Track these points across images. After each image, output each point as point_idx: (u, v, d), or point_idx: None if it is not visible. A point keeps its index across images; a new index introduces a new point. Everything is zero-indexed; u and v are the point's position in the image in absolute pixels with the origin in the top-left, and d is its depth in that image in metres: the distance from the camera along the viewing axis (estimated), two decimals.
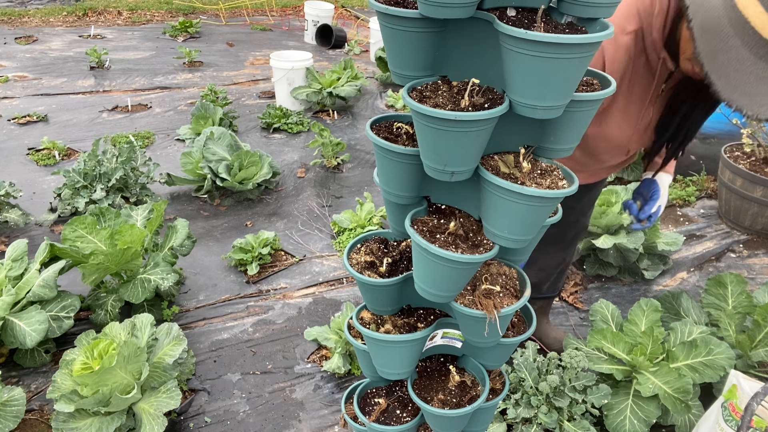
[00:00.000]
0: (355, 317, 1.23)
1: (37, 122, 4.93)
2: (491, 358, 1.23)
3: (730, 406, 1.83)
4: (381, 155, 1.02)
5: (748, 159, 3.78)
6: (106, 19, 8.38)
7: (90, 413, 2.07)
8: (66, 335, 2.53)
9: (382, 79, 6.16)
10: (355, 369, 2.56)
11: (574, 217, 2.25)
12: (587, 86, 0.97)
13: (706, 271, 3.41)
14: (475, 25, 0.88)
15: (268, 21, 8.89)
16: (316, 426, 2.33)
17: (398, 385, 1.39)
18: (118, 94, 5.65)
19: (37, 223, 3.47)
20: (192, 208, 3.86)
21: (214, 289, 3.09)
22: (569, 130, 0.95)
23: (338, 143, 4.34)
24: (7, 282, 2.46)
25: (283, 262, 3.35)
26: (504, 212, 0.94)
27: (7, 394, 2.12)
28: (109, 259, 2.53)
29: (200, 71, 6.34)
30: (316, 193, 4.10)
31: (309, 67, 5.29)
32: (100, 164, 3.52)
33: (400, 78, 0.95)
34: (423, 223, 1.05)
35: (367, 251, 1.18)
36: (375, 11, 0.89)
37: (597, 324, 2.41)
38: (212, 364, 2.61)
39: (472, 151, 0.90)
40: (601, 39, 0.79)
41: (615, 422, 2.08)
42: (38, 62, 6.28)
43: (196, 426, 2.30)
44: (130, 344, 2.04)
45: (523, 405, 2.06)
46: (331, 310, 2.98)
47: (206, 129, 4.05)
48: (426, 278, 1.02)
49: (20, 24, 7.84)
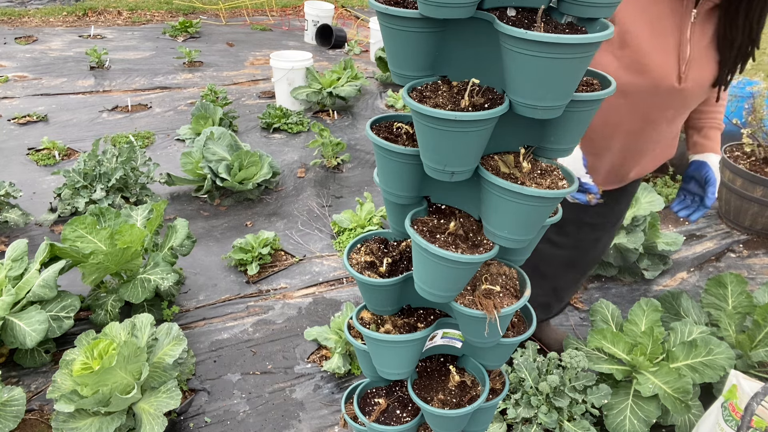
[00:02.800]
0: (355, 317, 1.23)
1: (37, 122, 4.93)
2: (491, 358, 1.23)
3: (730, 406, 1.83)
4: (381, 155, 1.02)
5: (748, 159, 3.78)
6: (106, 19, 8.38)
7: (90, 413, 2.08)
8: (66, 335, 2.53)
9: (382, 79, 6.16)
10: (355, 369, 2.56)
11: (595, 235, 2.05)
12: (587, 86, 0.97)
13: (706, 271, 3.41)
14: (475, 25, 0.88)
15: (268, 21, 8.89)
16: (316, 426, 2.33)
17: (398, 385, 1.39)
18: (118, 94, 5.65)
19: (37, 223, 3.47)
20: (192, 208, 3.86)
21: (214, 289, 3.09)
22: (569, 130, 0.95)
23: (338, 143, 4.34)
24: (7, 282, 2.46)
25: (283, 262, 3.35)
26: (504, 212, 0.94)
27: (7, 394, 2.12)
28: (109, 259, 2.53)
29: (200, 71, 6.34)
30: (316, 193, 4.10)
31: (309, 67, 5.29)
32: (100, 164, 3.52)
33: (400, 78, 0.95)
34: (423, 223, 1.05)
35: (367, 251, 1.18)
36: (375, 11, 0.89)
37: (597, 324, 2.41)
38: (212, 364, 2.61)
39: (472, 151, 0.90)
40: (601, 39, 0.79)
41: (615, 422, 2.08)
42: (38, 62, 6.28)
43: (196, 426, 2.30)
44: (130, 344, 2.04)
45: (523, 405, 2.06)
46: (331, 310, 2.98)
47: (206, 129, 4.05)
48: (426, 278, 1.02)
49: (20, 24, 7.84)
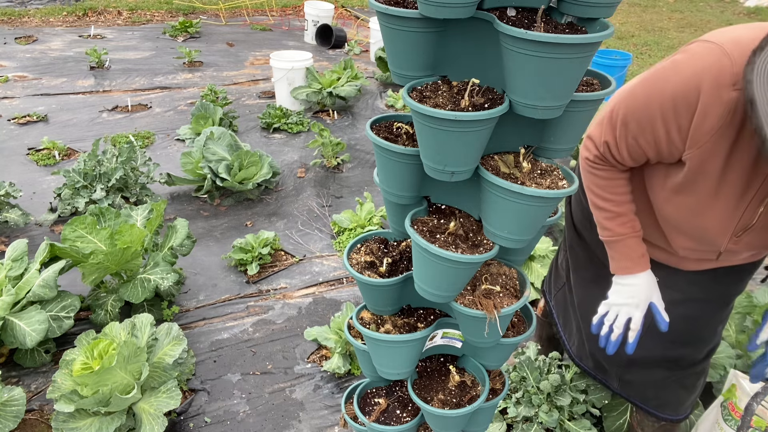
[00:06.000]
0: (355, 317, 1.23)
1: (37, 122, 4.93)
2: (491, 358, 1.23)
3: (729, 406, 1.83)
4: (381, 155, 1.02)
5: None
6: (106, 19, 8.38)
7: (90, 413, 2.07)
8: (66, 335, 2.53)
9: (382, 79, 6.16)
10: (355, 369, 2.56)
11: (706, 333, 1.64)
12: (587, 86, 0.97)
13: None
14: (476, 25, 0.88)
15: (268, 21, 8.89)
16: (316, 426, 2.33)
17: (398, 385, 1.39)
18: (118, 94, 5.65)
19: (37, 223, 3.47)
20: (192, 208, 3.85)
21: (214, 289, 3.09)
22: (569, 130, 0.95)
23: (338, 143, 4.34)
24: (7, 282, 2.46)
25: (283, 262, 3.35)
26: (504, 212, 0.94)
27: (7, 394, 2.12)
28: (109, 259, 2.53)
29: (200, 71, 6.34)
30: (316, 193, 4.10)
31: (309, 67, 5.29)
32: (100, 164, 3.52)
33: (400, 78, 0.95)
34: (423, 223, 1.05)
35: (367, 251, 1.18)
36: (375, 11, 0.89)
37: None
38: (212, 364, 2.61)
39: (472, 151, 0.90)
40: (601, 39, 0.79)
41: (614, 425, 2.08)
42: (38, 62, 6.28)
43: (196, 426, 2.30)
44: (130, 344, 2.04)
45: (524, 404, 2.06)
46: (331, 310, 2.98)
47: (206, 129, 4.05)
48: (426, 278, 1.02)
49: (20, 24, 7.84)
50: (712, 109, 1.14)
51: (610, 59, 5.61)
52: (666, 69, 1.22)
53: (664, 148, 1.26)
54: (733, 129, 1.16)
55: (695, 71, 1.14)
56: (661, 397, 1.74)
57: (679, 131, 1.20)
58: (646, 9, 10.83)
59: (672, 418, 1.75)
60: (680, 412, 1.74)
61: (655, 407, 1.76)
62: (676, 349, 1.65)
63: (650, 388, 1.74)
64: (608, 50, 6.00)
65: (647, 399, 1.76)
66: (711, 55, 1.13)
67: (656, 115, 1.22)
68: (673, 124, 1.20)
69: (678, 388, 1.71)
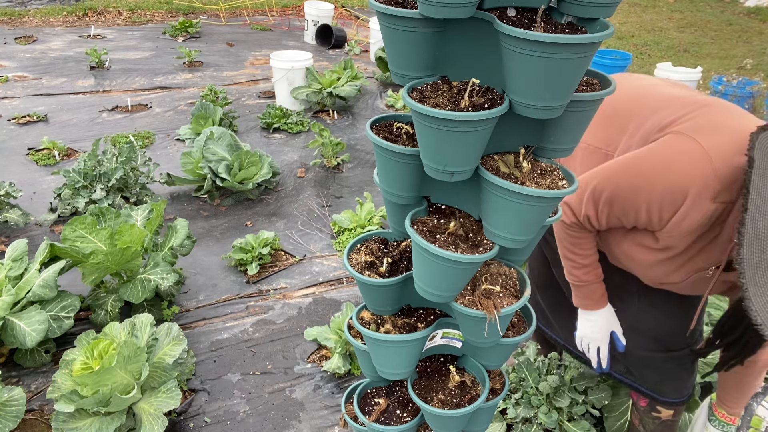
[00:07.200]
0: (355, 317, 1.23)
1: (37, 122, 4.93)
2: (491, 358, 1.23)
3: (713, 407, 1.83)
4: (381, 155, 1.02)
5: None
6: (106, 19, 8.38)
7: (90, 413, 2.07)
8: (66, 335, 2.53)
9: (382, 79, 6.16)
10: (355, 369, 2.56)
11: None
12: (587, 86, 0.97)
13: None
14: (475, 25, 0.88)
15: (268, 21, 8.89)
16: (316, 426, 2.33)
17: (398, 385, 1.39)
18: (118, 94, 5.65)
19: (37, 223, 3.47)
20: (192, 208, 3.86)
21: (214, 289, 3.09)
22: (569, 130, 0.95)
23: (338, 143, 4.34)
24: (7, 282, 2.46)
25: (283, 262, 3.35)
26: (504, 212, 0.94)
27: (7, 394, 2.12)
28: (109, 259, 2.53)
29: (200, 71, 6.34)
30: (316, 193, 4.10)
31: (309, 67, 5.29)
32: (100, 164, 3.52)
33: (400, 78, 0.94)
34: (423, 223, 1.05)
35: (367, 251, 1.18)
36: (375, 11, 0.89)
37: None
38: (212, 364, 2.61)
39: (472, 151, 0.90)
40: (601, 39, 0.79)
41: (616, 424, 2.07)
42: (38, 62, 6.28)
43: (196, 426, 2.30)
44: (130, 344, 2.04)
45: (523, 405, 2.06)
46: (331, 310, 2.98)
47: (206, 129, 4.05)
48: (426, 278, 1.02)
49: (20, 24, 7.84)
50: (692, 215, 1.30)
51: (610, 59, 5.62)
52: (656, 164, 1.35)
53: (642, 224, 1.43)
54: (706, 227, 1.34)
55: (684, 179, 1.29)
56: (663, 381, 1.82)
57: (660, 221, 1.37)
58: (646, 9, 10.84)
59: (674, 401, 1.84)
60: (684, 393, 1.84)
61: (657, 391, 1.83)
62: (663, 340, 1.77)
63: (650, 372, 1.82)
64: (608, 50, 6.03)
65: (648, 382, 1.83)
66: (700, 166, 1.27)
67: (641, 206, 1.37)
68: (655, 215, 1.36)
69: (679, 370, 1.80)
